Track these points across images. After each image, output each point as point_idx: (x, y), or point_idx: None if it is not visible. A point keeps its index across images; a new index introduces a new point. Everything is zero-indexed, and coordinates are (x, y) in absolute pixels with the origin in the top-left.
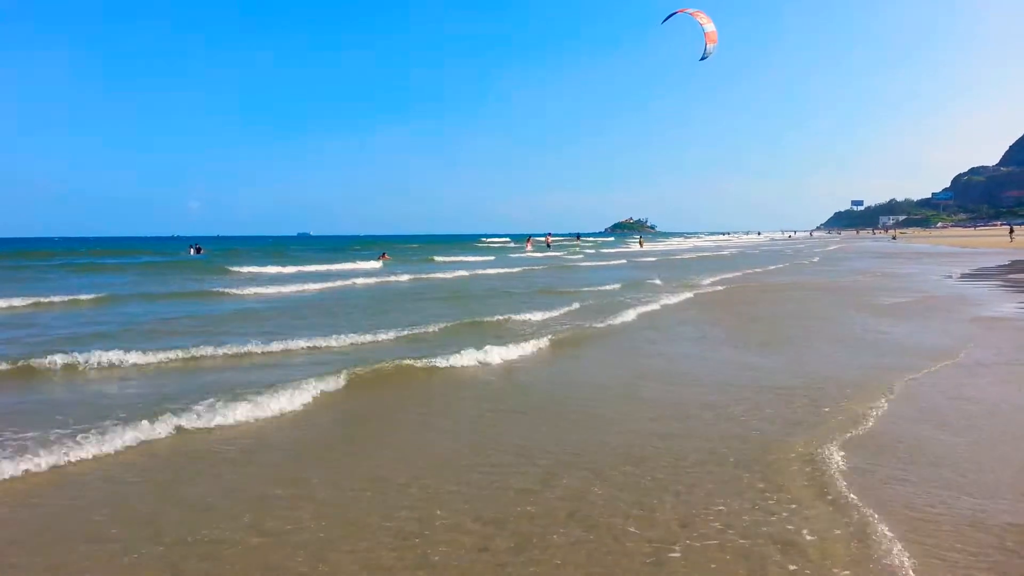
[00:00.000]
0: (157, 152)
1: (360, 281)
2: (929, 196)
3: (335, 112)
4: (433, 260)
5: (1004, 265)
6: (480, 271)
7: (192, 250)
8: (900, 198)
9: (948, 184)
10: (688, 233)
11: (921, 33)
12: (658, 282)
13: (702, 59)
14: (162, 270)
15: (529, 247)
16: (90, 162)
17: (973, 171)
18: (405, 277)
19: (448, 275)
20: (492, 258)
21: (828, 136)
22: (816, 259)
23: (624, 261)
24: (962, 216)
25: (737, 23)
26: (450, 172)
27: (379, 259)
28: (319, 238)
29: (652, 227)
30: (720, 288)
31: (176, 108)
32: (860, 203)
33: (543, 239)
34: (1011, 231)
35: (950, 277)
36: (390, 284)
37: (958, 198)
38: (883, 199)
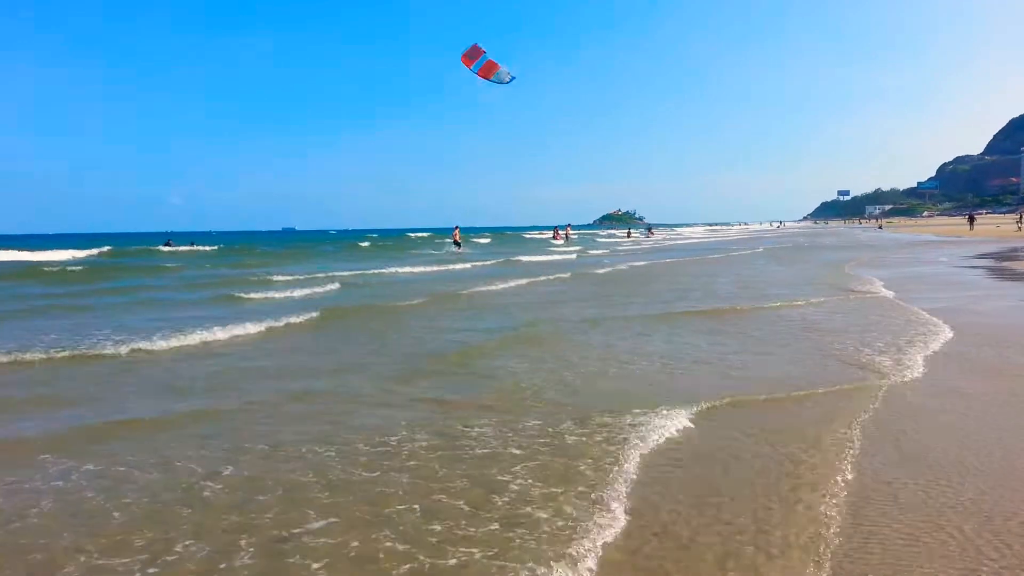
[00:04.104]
0: (138, 148)
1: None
2: (915, 185)
3: (317, 107)
4: (518, 261)
5: None
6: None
7: (165, 246)
8: (886, 187)
9: (933, 173)
10: (682, 224)
11: (907, 23)
12: None
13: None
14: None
15: (559, 239)
16: (69, 159)
17: (958, 160)
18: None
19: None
20: (573, 257)
21: (814, 126)
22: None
23: (748, 252)
24: (947, 205)
25: (724, 17)
26: (434, 166)
27: (453, 238)
28: (304, 233)
29: (641, 219)
30: None
31: (154, 104)
32: (846, 193)
33: (563, 232)
34: (971, 220)
35: None
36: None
37: (943, 187)
38: (869, 189)
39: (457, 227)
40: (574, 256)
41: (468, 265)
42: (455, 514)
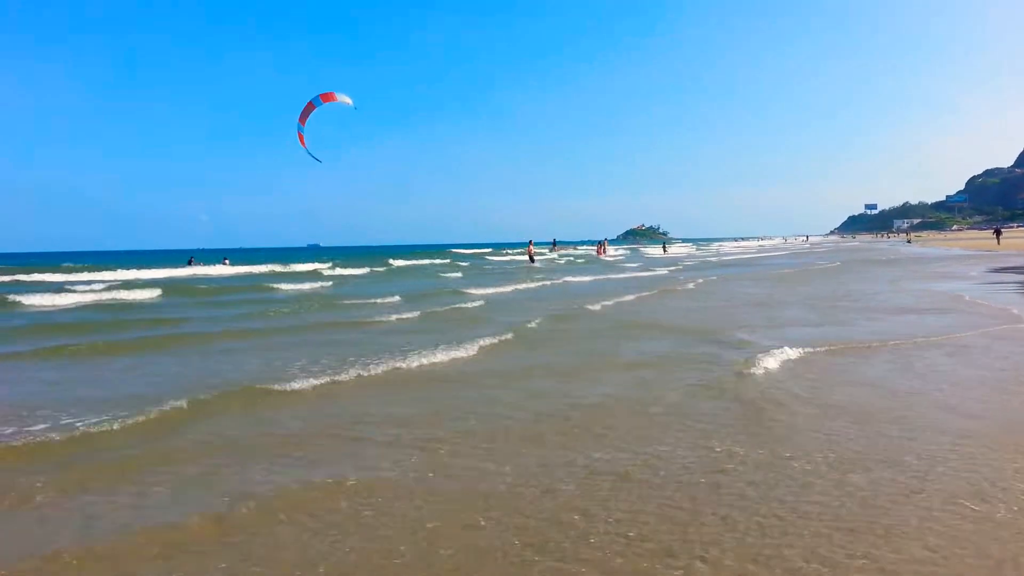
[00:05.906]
0: (163, 162)
1: None
2: (943, 199)
3: (323, 119)
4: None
5: None
6: None
7: (190, 263)
8: (914, 201)
9: (962, 186)
10: (704, 240)
11: (933, 34)
12: None
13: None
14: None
15: (602, 254)
16: (92, 172)
17: (987, 173)
18: None
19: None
20: (664, 272)
21: (840, 139)
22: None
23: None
24: (977, 219)
25: (746, 25)
26: (457, 181)
27: (528, 252)
28: (331, 249)
29: (665, 233)
30: None
31: (178, 117)
32: (874, 207)
33: (600, 246)
34: (998, 234)
35: None
36: None
37: (972, 200)
38: (897, 202)
39: (531, 241)
40: (665, 272)
41: (560, 280)
42: None
